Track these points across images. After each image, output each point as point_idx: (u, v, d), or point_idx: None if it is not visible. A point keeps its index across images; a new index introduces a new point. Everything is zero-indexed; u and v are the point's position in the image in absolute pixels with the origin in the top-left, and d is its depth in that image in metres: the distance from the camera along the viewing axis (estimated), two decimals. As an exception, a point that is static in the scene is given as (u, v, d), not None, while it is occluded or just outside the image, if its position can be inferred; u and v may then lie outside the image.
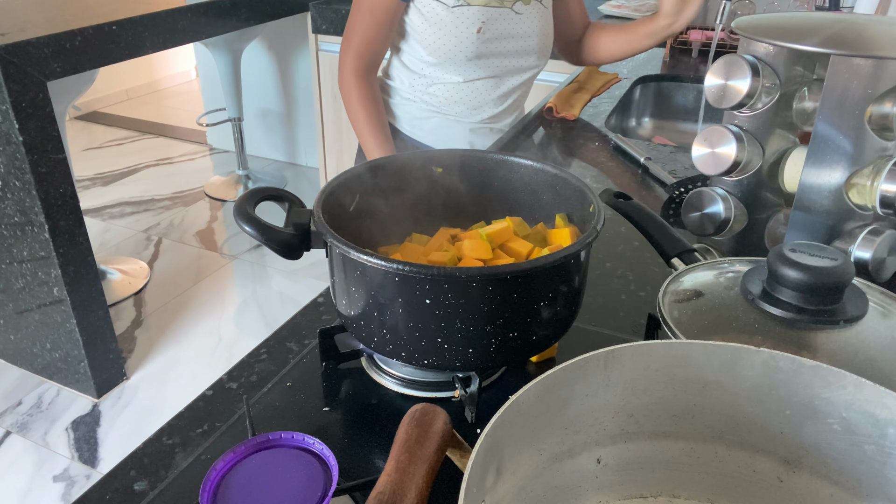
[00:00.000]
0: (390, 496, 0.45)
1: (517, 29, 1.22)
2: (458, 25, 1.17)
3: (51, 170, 1.72)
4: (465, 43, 1.18)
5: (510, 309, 0.56)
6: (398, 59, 1.27)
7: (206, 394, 0.66)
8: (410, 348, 0.59)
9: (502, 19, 1.20)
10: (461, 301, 0.55)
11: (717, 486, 0.47)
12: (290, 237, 0.61)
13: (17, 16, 1.88)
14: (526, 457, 0.42)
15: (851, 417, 0.41)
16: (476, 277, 0.54)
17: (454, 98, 1.26)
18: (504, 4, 1.20)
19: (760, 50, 0.79)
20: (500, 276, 0.55)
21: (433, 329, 0.57)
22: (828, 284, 0.51)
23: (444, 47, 1.19)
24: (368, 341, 0.61)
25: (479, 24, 1.17)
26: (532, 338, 0.60)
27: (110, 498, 0.55)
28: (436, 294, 0.55)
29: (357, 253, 0.56)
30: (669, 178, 1.12)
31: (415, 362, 0.60)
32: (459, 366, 0.59)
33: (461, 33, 1.18)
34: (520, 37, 1.23)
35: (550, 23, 1.29)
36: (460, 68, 1.22)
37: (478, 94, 1.26)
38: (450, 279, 0.54)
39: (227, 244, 2.91)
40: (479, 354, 0.58)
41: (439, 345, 0.58)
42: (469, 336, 0.57)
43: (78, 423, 1.98)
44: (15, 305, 1.97)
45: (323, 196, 0.65)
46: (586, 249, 0.60)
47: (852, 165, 0.73)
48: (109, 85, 4.46)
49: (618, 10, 2.39)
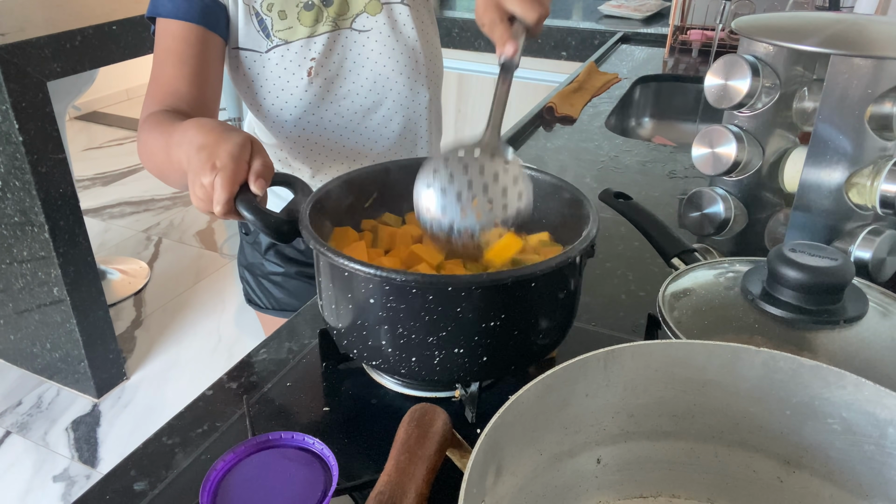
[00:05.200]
0: (390, 496, 0.45)
1: (362, 55, 0.93)
2: (282, 75, 0.89)
3: (51, 170, 1.72)
4: (293, 95, 0.90)
5: (491, 320, 0.55)
6: None
7: (206, 394, 0.66)
8: (389, 357, 0.58)
9: (338, 47, 0.91)
10: (440, 309, 0.54)
11: (717, 486, 0.47)
12: (282, 223, 0.60)
13: (16, 16, 1.88)
14: (526, 457, 0.42)
15: (851, 417, 0.41)
16: (456, 286, 0.53)
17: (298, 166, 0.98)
18: (340, 25, 0.91)
19: (760, 50, 0.79)
20: (482, 284, 0.53)
21: (413, 338, 0.55)
22: (828, 284, 0.51)
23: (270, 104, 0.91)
24: (349, 348, 0.60)
25: (309, 65, 0.90)
26: (527, 348, 0.59)
27: (110, 498, 0.55)
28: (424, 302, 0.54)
29: (336, 257, 0.55)
30: None
31: (394, 372, 0.59)
32: (440, 378, 0.58)
33: (288, 84, 0.90)
34: (370, 63, 0.93)
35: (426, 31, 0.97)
36: (292, 127, 0.94)
37: (323, 156, 0.98)
38: (430, 287, 0.53)
39: (227, 244, 2.91)
40: (461, 365, 0.57)
41: (419, 354, 0.56)
42: (449, 346, 0.56)
43: (78, 423, 1.98)
44: (15, 305, 1.97)
45: (316, 196, 0.64)
46: (579, 259, 0.58)
47: (852, 165, 0.73)
48: (109, 85, 4.45)
49: (618, 11, 2.40)
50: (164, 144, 0.73)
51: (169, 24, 0.85)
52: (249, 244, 1.14)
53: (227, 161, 0.60)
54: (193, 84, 0.84)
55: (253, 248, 1.13)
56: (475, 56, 2.39)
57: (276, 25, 0.88)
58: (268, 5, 0.88)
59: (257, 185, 0.60)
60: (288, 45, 0.88)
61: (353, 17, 0.91)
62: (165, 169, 0.77)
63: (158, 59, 0.86)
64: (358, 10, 0.92)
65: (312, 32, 0.89)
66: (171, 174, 0.77)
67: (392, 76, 0.95)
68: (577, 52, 2.26)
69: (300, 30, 0.88)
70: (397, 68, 0.95)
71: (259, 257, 1.12)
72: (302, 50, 0.89)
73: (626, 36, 2.12)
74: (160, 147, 0.75)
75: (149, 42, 1.98)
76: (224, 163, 0.60)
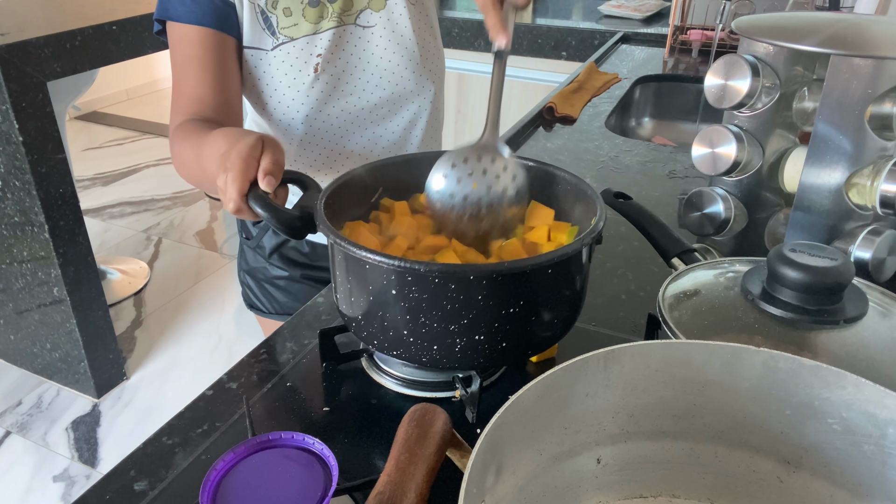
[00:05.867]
0: (390, 496, 0.45)
1: (368, 51, 0.92)
2: (289, 72, 0.89)
3: (51, 170, 1.72)
4: (300, 93, 0.90)
5: (511, 307, 0.56)
6: None
7: (206, 394, 0.66)
8: (411, 346, 0.59)
9: (343, 43, 0.90)
10: (462, 297, 0.55)
11: (717, 486, 0.47)
12: (295, 219, 0.62)
13: (16, 16, 1.88)
14: (526, 457, 0.42)
15: (851, 417, 0.41)
16: (477, 274, 0.54)
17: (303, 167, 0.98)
18: (345, 21, 0.90)
19: (760, 50, 0.79)
20: (495, 273, 0.54)
21: (435, 326, 0.57)
22: (828, 284, 0.51)
23: (276, 103, 0.91)
24: (369, 340, 0.61)
25: (315, 62, 0.90)
26: (543, 332, 0.60)
27: (110, 498, 0.55)
28: (439, 291, 0.55)
29: (357, 250, 0.56)
30: None
31: (415, 360, 0.60)
32: (460, 365, 0.59)
33: (295, 81, 0.90)
34: (375, 59, 0.93)
35: (430, 27, 0.97)
36: (298, 125, 0.94)
37: (329, 153, 0.98)
38: (452, 276, 0.54)
39: (227, 244, 2.91)
40: (481, 352, 0.58)
41: (441, 342, 0.58)
42: (471, 333, 0.57)
43: (78, 423, 1.98)
44: (15, 305, 1.97)
45: (328, 191, 0.65)
46: (589, 246, 0.60)
47: (852, 165, 0.73)
48: (109, 85, 4.46)
49: (618, 11, 2.40)
50: (196, 155, 0.76)
51: (184, 29, 0.85)
52: (251, 248, 1.13)
53: (236, 160, 0.62)
54: (216, 89, 0.86)
55: (255, 253, 1.12)
56: (475, 56, 2.39)
57: (281, 22, 0.88)
58: (272, 2, 0.87)
59: (265, 182, 0.62)
60: (294, 42, 0.88)
61: (357, 12, 0.90)
62: (200, 178, 0.81)
63: (179, 68, 0.86)
64: (362, 5, 0.91)
65: (317, 29, 0.88)
66: (205, 183, 0.79)
67: (398, 71, 0.95)
68: (577, 52, 2.26)
69: (305, 26, 0.88)
70: (402, 63, 0.94)
71: (262, 261, 1.12)
72: (308, 46, 0.88)
73: (626, 36, 2.12)
74: (192, 158, 0.78)
75: (149, 42, 1.98)
76: (233, 162, 0.62)
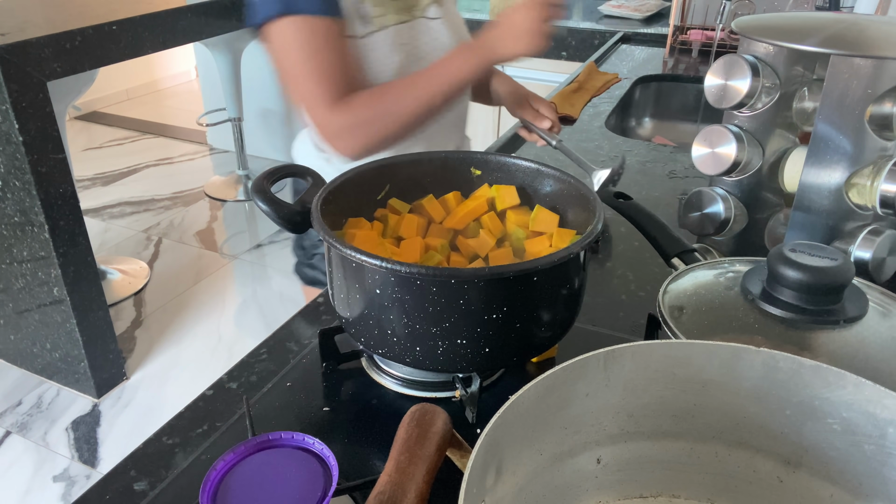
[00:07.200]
0: (390, 496, 0.45)
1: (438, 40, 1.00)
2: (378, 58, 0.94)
3: (51, 170, 1.72)
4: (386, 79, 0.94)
5: (494, 312, 0.56)
6: None
7: (206, 394, 0.66)
8: (409, 350, 0.58)
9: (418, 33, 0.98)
10: (461, 301, 0.55)
11: (717, 486, 0.47)
12: (295, 213, 0.63)
13: (16, 16, 1.88)
14: (526, 457, 0.42)
15: (851, 417, 0.41)
16: (473, 278, 0.54)
17: None
18: (415, 15, 0.97)
19: (760, 50, 0.79)
20: (496, 276, 0.54)
21: (433, 330, 0.57)
22: (828, 284, 0.51)
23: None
24: (367, 343, 0.61)
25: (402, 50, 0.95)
26: (529, 340, 0.60)
27: (110, 498, 0.55)
28: (436, 294, 0.55)
29: (348, 250, 0.56)
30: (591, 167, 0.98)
31: (415, 364, 0.60)
32: (461, 367, 0.59)
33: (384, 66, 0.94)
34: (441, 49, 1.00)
35: (464, 27, 1.09)
36: None
37: None
38: (448, 280, 0.54)
39: (227, 244, 2.91)
40: (479, 355, 0.58)
41: (439, 346, 0.57)
42: (469, 336, 0.57)
43: (78, 423, 1.98)
44: (15, 305, 1.97)
45: (328, 188, 0.65)
46: (587, 249, 0.60)
47: (852, 165, 0.73)
48: (109, 85, 4.46)
49: (618, 11, 2.39)
50: (425, 79, 0.87)
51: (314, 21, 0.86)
52: None
53: None
54: (357, 69, 0.92)
55: None
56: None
57: (373, 11, 0.92)
58: None
59: None
60: (386, 31, 0.93)
61: (426, 6, 0.98)
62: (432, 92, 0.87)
63: (319, 56, 0.87)
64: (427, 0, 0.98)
65: (399, 20, 0.94)
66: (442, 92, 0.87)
67: None
68: (577, 52, 2.26)
69: (391, 16, 0.93)
70: None
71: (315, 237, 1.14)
72: (396, 35, 0.94)
73: (626, 36, 2.12)
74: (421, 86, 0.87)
75: (149, 42, 1.98)
76: None
